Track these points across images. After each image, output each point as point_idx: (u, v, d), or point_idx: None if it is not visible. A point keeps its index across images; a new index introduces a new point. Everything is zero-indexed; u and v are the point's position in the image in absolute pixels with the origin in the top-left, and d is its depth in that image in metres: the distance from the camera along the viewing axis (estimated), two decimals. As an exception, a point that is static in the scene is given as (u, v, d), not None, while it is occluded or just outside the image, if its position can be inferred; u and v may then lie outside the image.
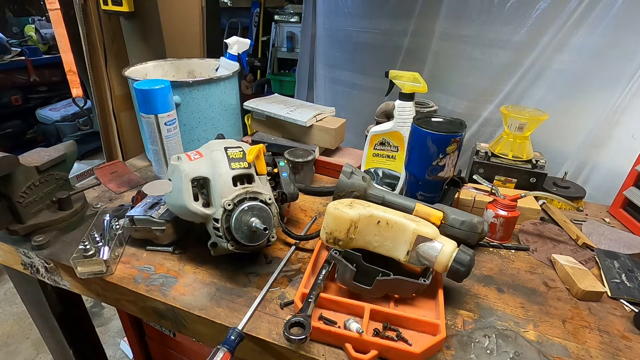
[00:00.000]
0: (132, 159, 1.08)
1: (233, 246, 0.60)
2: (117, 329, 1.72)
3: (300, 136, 1.05)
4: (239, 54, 1.03)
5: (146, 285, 0.62)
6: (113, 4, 1.59)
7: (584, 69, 1.18)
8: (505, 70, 1.35)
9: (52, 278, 0.70)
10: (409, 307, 0.59)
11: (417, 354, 0.50)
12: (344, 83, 1.89)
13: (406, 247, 0.59)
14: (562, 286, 0.66)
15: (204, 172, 0.62)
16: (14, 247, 0.70)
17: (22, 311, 1.76)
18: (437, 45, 1.52)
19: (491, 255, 0.73)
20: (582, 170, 1.21)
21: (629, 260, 0.71)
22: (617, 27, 1.10)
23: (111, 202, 0.84)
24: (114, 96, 1.79)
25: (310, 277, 0.62)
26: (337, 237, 0.61)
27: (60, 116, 2.60)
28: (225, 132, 1.02)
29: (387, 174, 0.92)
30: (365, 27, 1.72)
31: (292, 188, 0.75)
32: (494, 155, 0.94)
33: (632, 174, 0.85)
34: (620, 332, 0.57)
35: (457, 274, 0.57)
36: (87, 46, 1.65)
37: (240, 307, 0.58)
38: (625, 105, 1.10)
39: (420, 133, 0.72)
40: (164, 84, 0.78)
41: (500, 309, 0.61)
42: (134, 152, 1.31)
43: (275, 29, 2.76)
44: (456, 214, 0.70)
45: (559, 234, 0.79)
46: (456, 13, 1.42)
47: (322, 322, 0.55)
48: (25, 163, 0.69)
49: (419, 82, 0.80)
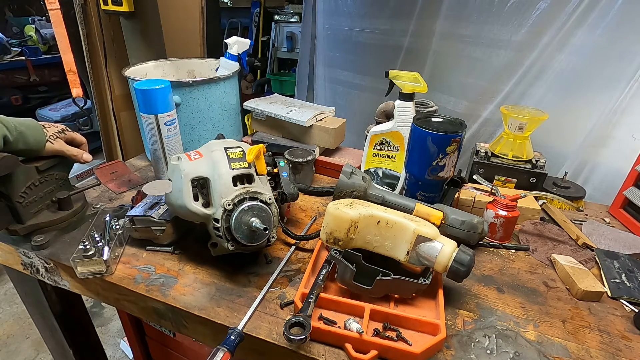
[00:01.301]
0: (132, 159, 1.08)
1: (233, 246, 0.60)
2: (117, 329, 1.72)
3: (300, 136, 1.05)
4: (239, 54, 1.03)
5: (146, 285, 0.62)
6: (113, 4, 1.59)
7: (584, 69, 1.18)
8: (505, 70, 1.35)
9: (52, 278, 0.70)
10: (409, 307, 0.59)
11: (417, 354, 0.50)
12: (344, 83, 1.89)
13: (406, 247, 0.59)
14: (562, 286, 0.66)
15: (204, 172, 0.62)
16: (14, 247, 0.70)
17: (22, 311, 1.76)
18: (437, 45, 1.52)
19: (491, 255, 0.73)
20: (582, 170, 1.21)
21: (629, 260, 0.71)
22: (617, 27, 1.09)
23: (111, 202, 0.84)
24: (114, 96, 1.79)
25: (310, 277, 0.62)
26: (337, 237, 0.61)
27: (60, 116, 2.60)
28: (225, 132, 1.02)
29: (387, 174, 0.92)
30: (365, 27, 1.72)
31: (292, 188, 0.75)
32: (494, 155, 0.94)
33: (632, 174, 0.85)
34: (620, 332, 0.57)
35: (457, 274, 0.57)
36: (87, 46, 1.65)
37: (240, 307, 0.58)
38: (625, 105, 1.10)
39: (420, 133, 0.72)
40: (164, 84, 0.78)
41: (500, 309, 0.61)
42: (134, 152, 1.31)
43: (275, 29, 2.76)
44: (456, 214, 0.70)
45: (559, 234, 0.79)
46: (456, 13, 1.42)
47: (322, 322, 0.55)
48: (25, 163, 0.69)
49: (419, 82, 0.80)
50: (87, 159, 0.76)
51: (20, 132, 0.66)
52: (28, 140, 0.67)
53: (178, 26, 1.68)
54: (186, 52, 1.70)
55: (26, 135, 0.66)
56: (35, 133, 0.68)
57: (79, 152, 0.76)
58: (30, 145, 0.67)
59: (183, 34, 1.69)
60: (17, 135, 0.65)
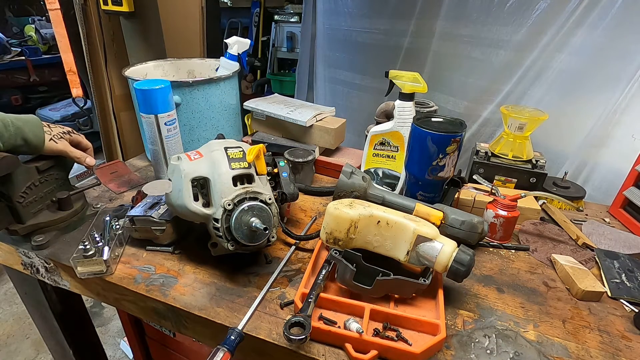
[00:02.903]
0: (132, 159, 1.08)
1: (233, 246, 0.60)
2: (117, 329, 1.72)
3: (300, 136, 1.05)
4: (239, 54, 1.03)
5: (146, 285, 0.62)
6: (113, 4, 1.59)
7: (584, 69, 1.18)
8: (505, 70, 1.35)
9: (52, 278, 0.70)
10: (409, 307, 0.59)
11: (417, 354, 0.50)
12: (344, 83, 1.89)
13: (406, 247, 0.59)
14: (562, 286, 0.66)
15: (204, 172, 0.62)
16: (14, 247, 0.70)
17: (22, 311, 1.76)
18: (437, 45, 1.52)
19: (491, 255, 0.73)
20: (582, 170, 1.21)
21: (629, 260, 0.71)
22: (617, 27, 1.09)
23: (111, 202, 0.84)
24: (114, 96, 1.79)
25: (310, 277, 0.62)
26: (337, 237, 0.61)
27: (60, 116, 2.60)
28: (225, 132, 1.02)
29: (387, 174, 0.92)
30: (365, 27, 1.72)
31: (292, 188, 0.75)
32: (494, 155, 0.94)
33: (632, 174, 0.85)
34: (620, 332, 0.57)
35: (457, 274, 0.57)
36: (87, 46, 1.65)
37: (240, 307, 0.58)
38: (625, 105, 1.10)
39: (420, 133, 0.72)
40: (164, 84, 0.78)
41: (500, 309, 0.61)
42: (134, 152, 1.31)
43: (275, 29, 2.76)
44: (456, 214, 0.70)
45: (559, 234, 0.79)
46: (456, 13, 1.42)
47: (322, 322, 0.55)
48: (25, 163, 0.69)
49: (419, 82, 0.80)
50: (90, 163, 0.76)
51: (18, 127, 0.65)
52: (26, 135, 0.66)
53: (178, 26, 1.68)
54: (186, 52, 1.70)
55: (24, 130, 0.66)
56: (34, 129, 0.67)
57: (83, 155, 0.75)
58: (29, 140, 0.67)
59: (183, 34, 1.69)
60: (14, 130, 0.64)
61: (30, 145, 0.68)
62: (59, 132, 0.72)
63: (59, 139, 0.71)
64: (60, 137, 0.72)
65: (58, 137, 0.71)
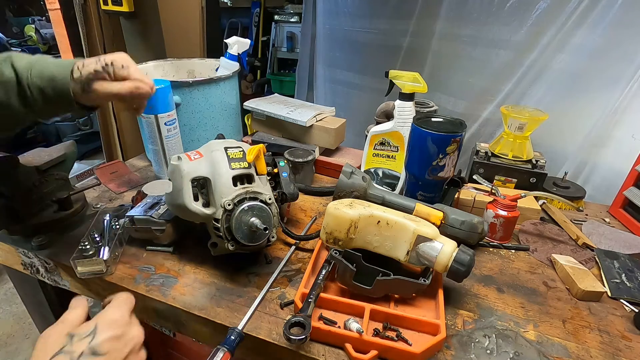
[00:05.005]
0: (132, 159, 1.08)
1: (233, 246, 0.60)
2: (117, 329, 1.72)
3: (300, 136, 1.05)
4: (239, 54, 1.03)
5: (146, 285, 0.62)
6: (113, 4, 1.59)
7: (584, 69, 1.18)
8: (505, 70, 1.35)
9: (52, 278, 0.70)
10: (409, 307, 0.59)
11: (417, 354, 0.50)
12: (344, 83, 1.89)
13: (406, 247, 0.59)
14: (562, 286, 0.66)
15: (204, 172, 0.62)
16: (14, 247, 0.70)
17: (22, 311, 1.75)
18: (437, 45, 1.52)
19: (491, 255, 0.73)
20: (582, 170, 1.21)
21: (629, 260, 0.71)
22: (617, 27, 1.09)
23: (111, 202, 0.84)
24: (114, 96, 1.79)
25: (310, 277, 0.62)
26: (337, 237, 0.61)
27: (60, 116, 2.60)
28: (225, 132, 1.02)
29: (387, 174, 0.92)
30: (365, 27, 1.72)
31: (292, 188, 0.75)
32: (494, 155, 0.94)
33: (632, 174, 0.85)
34: (620, 332, 0.57)
35: (457, 274, 0.57)
36: (87, 46, 1.65)
37: (240, 307, 0.58)
38: (625, 105, 1.10)
39: (420, 133, 0.72)
40: (164, 84, 0.78)
41: (500, 309, 0.61)
42: (134, 152, 1.31)
43: (275, 29, 2.76)
44: (456, 214, 0.70)
45: (559, 234, 0.79)
46: (456, 13, 1.43)
47: (322, 322, 0.55)
48: (25, 163, 0.69)
49: (419, 82, 0.80)
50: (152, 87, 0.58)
51: (32, 66, 0.52)
52: (43, 73, 0.52)
53: (178, 26, 1.68)
54: (186, 52, 1.70)
55: (39, 69, 0.52)
56: (51, 65, 0.53)
57: (133, 85, 0.55)
58: (48, 76, 0.52)
59: (183, 34, 1.69)
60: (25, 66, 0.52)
61: (56, 81, 0.52)
62: (89, 71, 0.53)
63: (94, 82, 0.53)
64: (93, 78, 0.53)
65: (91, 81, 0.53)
